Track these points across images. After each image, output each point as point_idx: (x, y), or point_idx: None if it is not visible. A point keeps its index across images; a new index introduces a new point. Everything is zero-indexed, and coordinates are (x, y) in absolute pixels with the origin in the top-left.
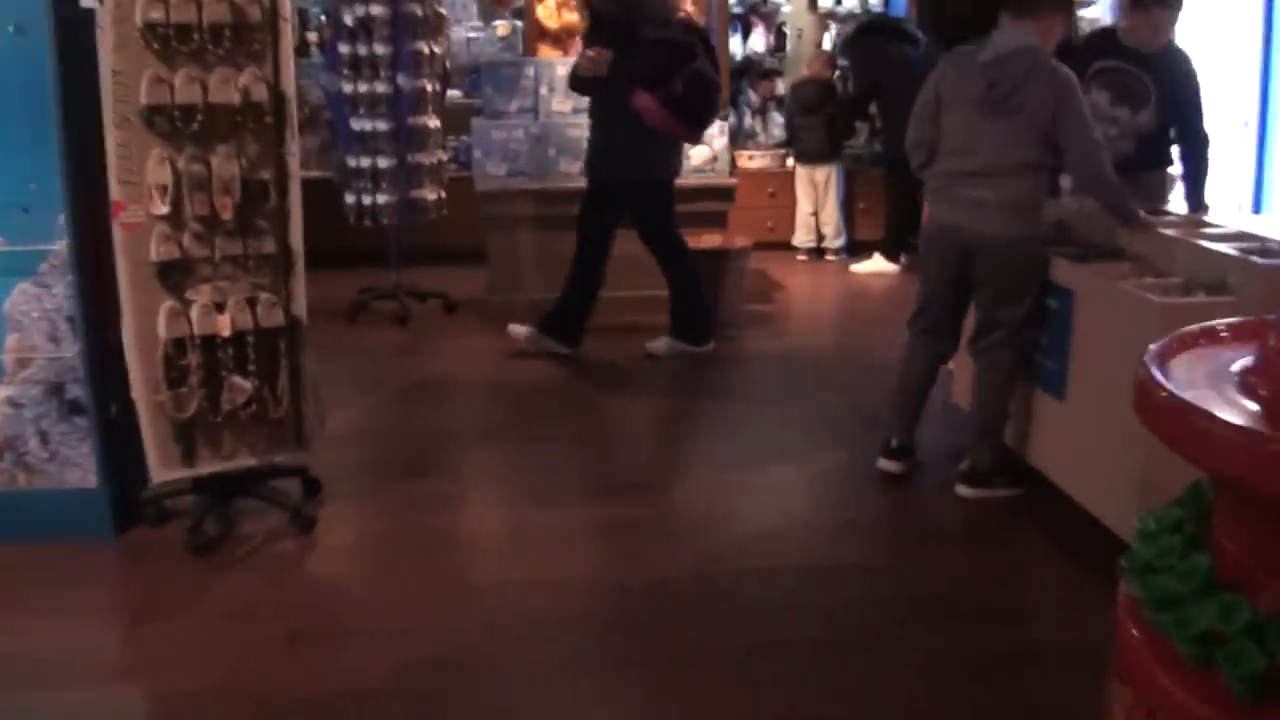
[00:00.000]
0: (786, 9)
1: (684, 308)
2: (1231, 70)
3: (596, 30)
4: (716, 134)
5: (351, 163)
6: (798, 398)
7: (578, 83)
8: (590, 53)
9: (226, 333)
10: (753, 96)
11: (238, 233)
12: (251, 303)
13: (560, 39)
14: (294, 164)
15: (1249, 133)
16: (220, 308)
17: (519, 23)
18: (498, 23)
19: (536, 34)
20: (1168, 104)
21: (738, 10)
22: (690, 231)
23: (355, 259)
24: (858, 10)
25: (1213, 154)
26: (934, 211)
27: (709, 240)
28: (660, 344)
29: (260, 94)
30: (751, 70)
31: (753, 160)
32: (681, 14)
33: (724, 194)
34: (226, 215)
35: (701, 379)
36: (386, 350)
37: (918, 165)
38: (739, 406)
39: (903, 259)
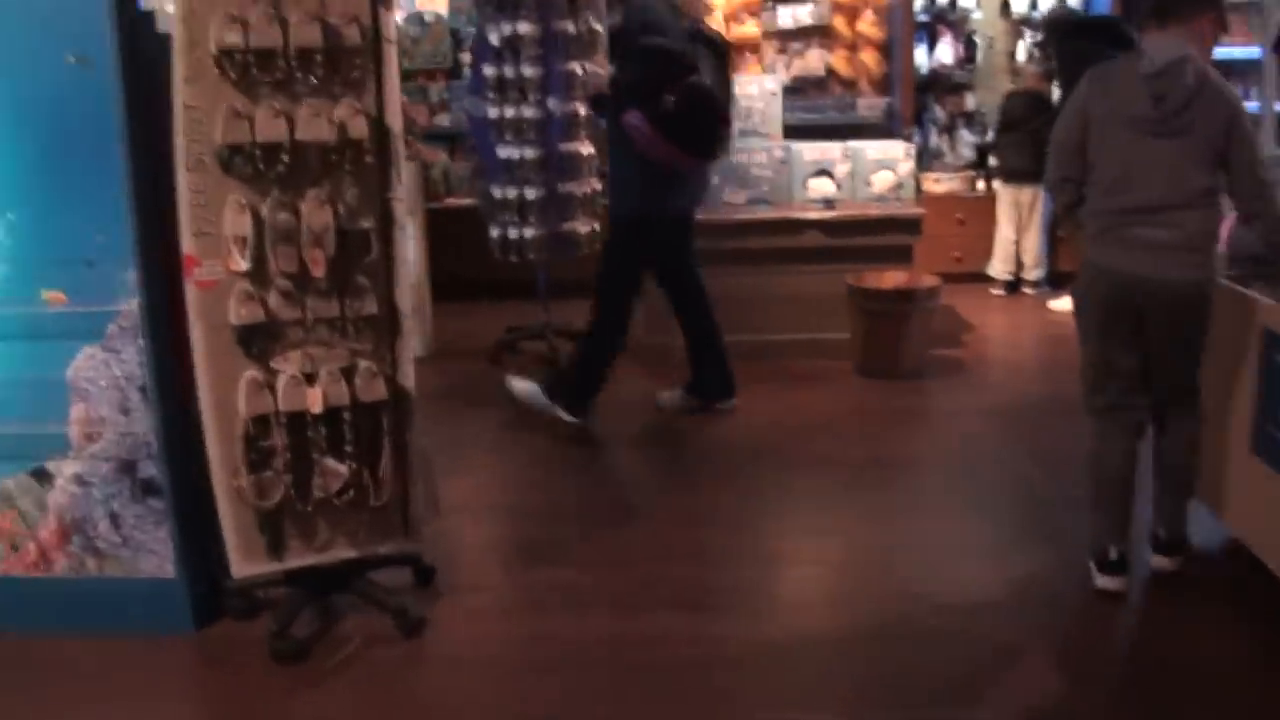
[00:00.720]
0: (977, 16)
1: (577, 368)
2: None
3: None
4: (902, 157)
5: (497, 193)
6: (993, 470)
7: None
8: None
9: (318, 409)
10: (939, 113)
11: (333, 291)
12: (348, 373)
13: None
14: (400, 210)
15: None
16: (311, 379)
17: None
18: None
19: None
20: None
21: (923, 19)
22: (872, 267)
23: (505, 290)
24: (1055, 15)
25: None
26: (1100, 258)
27: (892, 279)
28: (524, 384)
29: (360, 129)
30: (938, 84)
31: (939, 184)
32: (697, 21)
33: (909, 226)
34: (318, 272)
35: (882, 441)
36: None
37: (1067, 204)
38: (923, 480)
39: None
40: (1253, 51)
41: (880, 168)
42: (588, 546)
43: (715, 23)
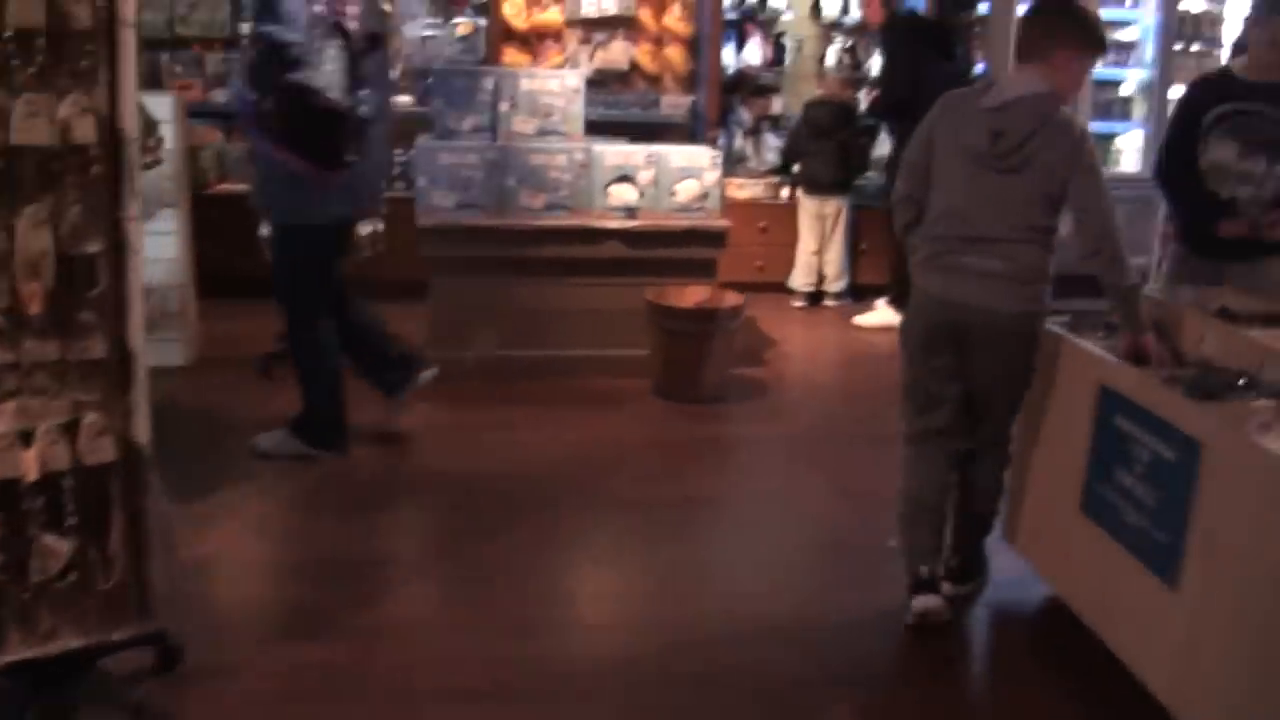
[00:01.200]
0: (787, 17)
1: (307, 403)
2: None
3: None
4: (708, 165)
5: None
6: (800, 513)
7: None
8: None
9: (33, 476)
10: (744, 115)
11: (52, 330)
12: (71, 430)
13: (530, 42)
14: (135, 232)
15: None
16: (27, 438)
17: (482, 21)
18: (458, 20)
19: (501, 35)
20: None
21: (732, 17)
22: (674, 281)
23: None
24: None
25: None
26: (927, 284)
27: (694, 295)
28: (270, 437)
29: (86, 132)
30: (744, 85)
31: (743, 189)
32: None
33: (714, 239)
34: (35, 307)
35: (682, 479)
36: None
37: (904, 224)
38: (724, 525)
39: None
40: None
41: (685, 176)
42: (357, 614)
43: (514, 6)
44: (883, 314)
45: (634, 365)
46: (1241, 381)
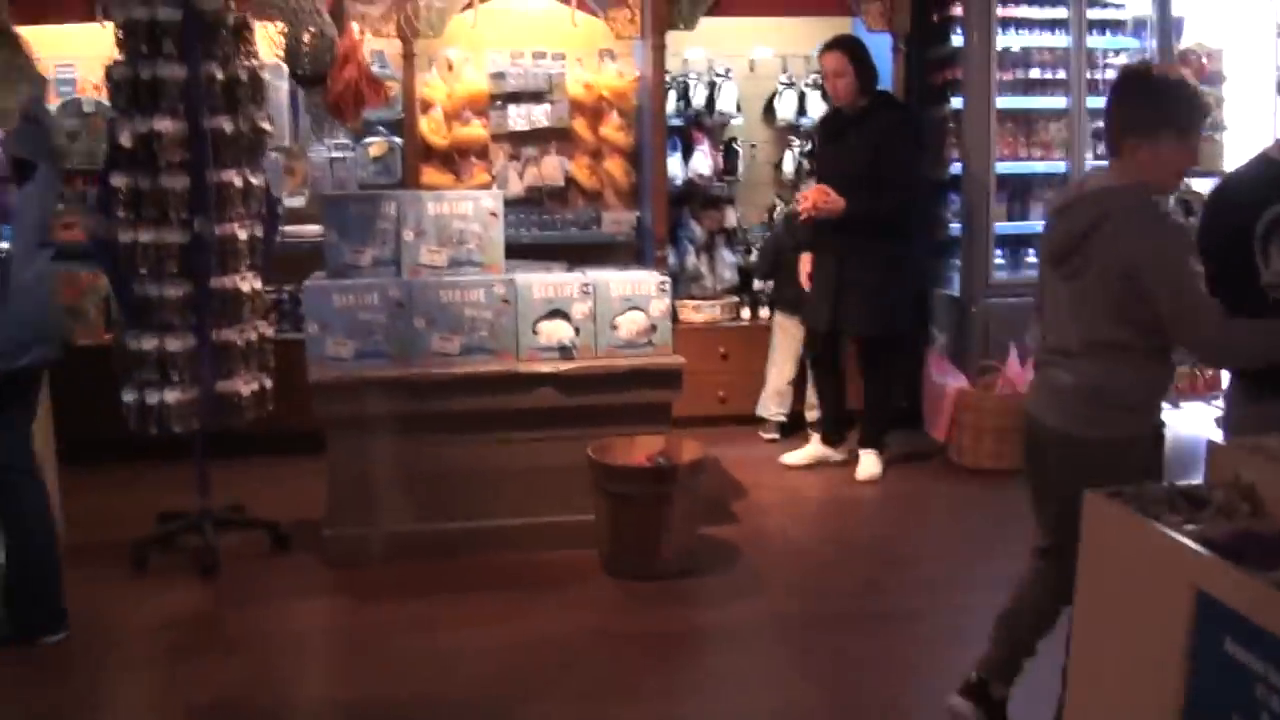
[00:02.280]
0: (737, 122)
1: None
2: None
3: None
4: (654, 293)
5: (132, 343)
6: None
7: None
8: None
9: None
10: (696, 230)
11: None
12: None
13: (452, 160)
14: None
15: None
16: None
17: (398, 140)
18: (370, 140)
19: (420, 154)
20: None
21: (677, 124)
22: (621, 431)
23: (156, 451)
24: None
25: None
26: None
27: (645, 448)
28: None
29: None
30: (694, 198)
31: (699, 312)
32: None
33: (666, 379)
34: None
35: (636, 695)
36: (171, 635)
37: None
38: None
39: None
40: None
41: (628, 307)
42: None
43: (433, 121)
44: (868, 464)
45: (579, 534)
46: None
